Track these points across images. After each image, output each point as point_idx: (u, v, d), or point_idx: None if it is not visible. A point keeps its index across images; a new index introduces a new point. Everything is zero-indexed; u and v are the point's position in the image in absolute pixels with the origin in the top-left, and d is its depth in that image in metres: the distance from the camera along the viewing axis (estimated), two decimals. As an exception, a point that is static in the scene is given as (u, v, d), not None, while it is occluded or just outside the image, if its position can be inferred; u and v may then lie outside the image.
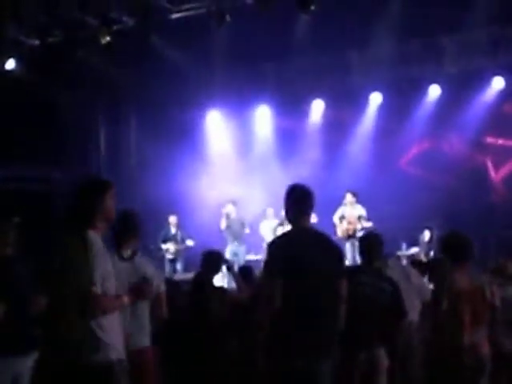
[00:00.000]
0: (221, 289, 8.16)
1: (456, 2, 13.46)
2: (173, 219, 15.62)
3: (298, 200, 5.67)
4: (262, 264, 5.73)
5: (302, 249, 5.43)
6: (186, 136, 17.28)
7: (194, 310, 7.43)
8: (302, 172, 16.26)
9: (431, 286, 7.25)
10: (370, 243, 6.76)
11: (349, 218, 15.05)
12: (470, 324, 6.15)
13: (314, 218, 14.53)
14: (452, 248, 6.40)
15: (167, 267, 15.31)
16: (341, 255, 5.72)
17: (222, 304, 7.45)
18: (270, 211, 15.50)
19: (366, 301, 6.20)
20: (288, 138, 18.40)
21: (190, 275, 9.54)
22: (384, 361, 6.47)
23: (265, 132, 18.85)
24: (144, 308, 5.80)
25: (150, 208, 14.22)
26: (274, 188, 15.74)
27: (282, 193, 5.76)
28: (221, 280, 11.87)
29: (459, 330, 6.14)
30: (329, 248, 5.59)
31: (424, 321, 7.55)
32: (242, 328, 7.35)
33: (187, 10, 13.79)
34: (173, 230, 15.54)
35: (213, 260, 7.84)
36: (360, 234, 14.80)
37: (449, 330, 6.16)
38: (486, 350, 6.23)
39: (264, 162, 18.07)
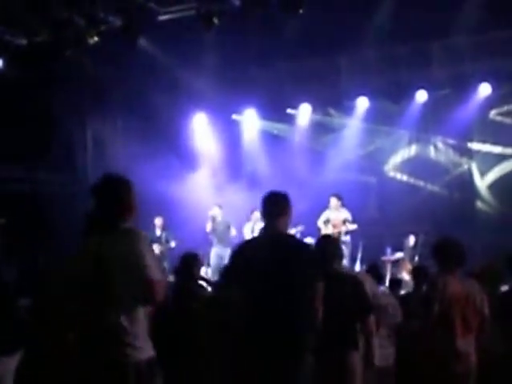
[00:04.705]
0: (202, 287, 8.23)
1: (444, 7, 13.49)
2: (158, 221, 15.60)
3: (267, 206, 5.71)
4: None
5: (258, 255, 5.44)
6: (172, 138, 17.25)
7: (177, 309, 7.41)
8: (288, 175, 16.28)
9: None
10: (327, 245, 6.73)
11: (333, 221, 15.03)
12: (461, 330, 6.15)
13: (299, 227, 14.57)
14: (443, 254, 6.40)
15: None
16: (314, 260, 5.67)
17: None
18: (257, 214, 15.44)
19: (327, 306, 6.07)
20: (275, 141, 18.42)
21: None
22: (355, 364, 6.44)
23: (251, 135, 18.85)
24: None
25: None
26: (260, 191, 15.72)
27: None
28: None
29: (451, 336, 6.13)
30: (298, 253, 5.54)
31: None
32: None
33: (175, 11, 13.73)
34: (158, 232, 15.50)
35: (187, 263, 7.82)
36: (345, 237, 14.82)
37: (440, 337, 6.15)
38: (474, 357, 6.24)
39: (251, 164, 18.08)
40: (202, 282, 8.28)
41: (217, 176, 17.68)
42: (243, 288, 5.44)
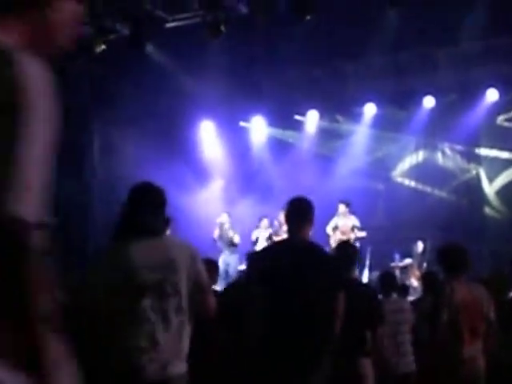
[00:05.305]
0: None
1: (450, 14, 13.49)
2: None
3: (291, 212, 5.70)
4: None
5: (280, 261, 5.45)
6: (180, 146, 17.22)
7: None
8: (296, 181, 16.27)
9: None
10: (348, 251, 6.75)
11: (342, 228, 15.02)
12: (469, 337, 6.13)
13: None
14: (449, 259, 6.38)
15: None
16: (335, 268, 5.68)
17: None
18: (265, 221, 15.44)
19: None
20: (283, 148, 18.41)
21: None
22: (368, 371, 6.43)
23: (260, 142, 18.85)
24: None
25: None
26: (269, 198, 15.76)
27: (276, 203, 5.81)
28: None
29: (458, 343, 6.11)
30: (320, 261, 5.56)
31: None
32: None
33: (182, 19, 13.76)
34: (166, 240, 15.48)
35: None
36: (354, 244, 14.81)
37: (448, 343, 6.13)
38: (481, 362, 6.21)
39: (259, 172, 18.06)
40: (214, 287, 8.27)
41: (226, 185, 17.70)
42: (263, 292, 5.43)
